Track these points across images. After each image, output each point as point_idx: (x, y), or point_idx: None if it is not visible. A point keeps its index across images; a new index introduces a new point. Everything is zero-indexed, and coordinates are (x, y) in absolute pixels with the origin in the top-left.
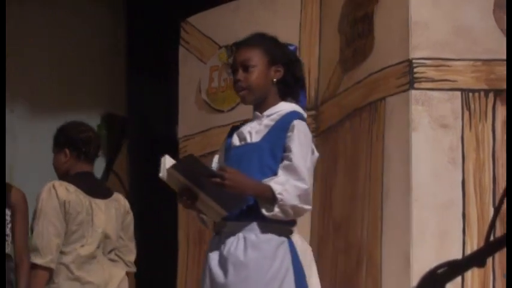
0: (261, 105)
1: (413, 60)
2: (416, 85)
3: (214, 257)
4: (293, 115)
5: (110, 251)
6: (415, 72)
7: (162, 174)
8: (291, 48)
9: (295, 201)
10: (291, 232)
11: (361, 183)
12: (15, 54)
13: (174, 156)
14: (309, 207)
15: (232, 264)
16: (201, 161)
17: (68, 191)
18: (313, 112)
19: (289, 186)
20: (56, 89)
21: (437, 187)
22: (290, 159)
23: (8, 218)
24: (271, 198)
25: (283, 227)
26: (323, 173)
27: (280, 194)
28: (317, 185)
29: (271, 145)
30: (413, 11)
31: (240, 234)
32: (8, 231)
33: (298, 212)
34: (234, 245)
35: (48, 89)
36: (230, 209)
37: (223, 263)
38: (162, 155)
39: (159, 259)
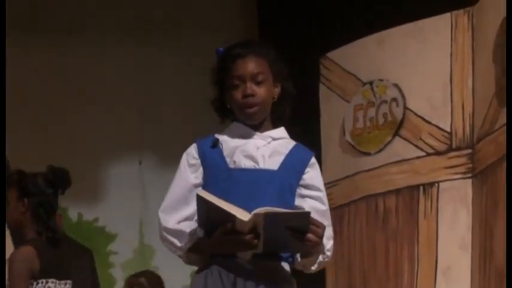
0: (259, 125)
1: None
2: None
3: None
4: (307, 150)
5: None
6: None
7: (247, 218)
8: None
9: (331, 257)
10: None
11: None
12: (142, 104)
13: None
14: None
15: None
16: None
17: None
18: (469, 151)
19: (332, 240)
20: (186, 138)
21: None
22: (324, 203)
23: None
24: (317, 252)
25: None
26: (482, 217)
27: (328, 250)
28: (475, 231)
29: (289, 176)
30: None
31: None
32: None
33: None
34: None
35: (178, 138)
36: (270, 251)
37: None
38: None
39: None
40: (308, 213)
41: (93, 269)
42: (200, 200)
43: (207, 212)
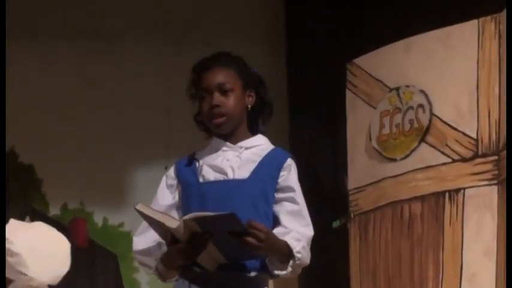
0: (231, 135)
1: None
2: None
3: None
4: (284, 153)
5: None
6: None
7: (176, 225)
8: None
9: (307, 260)
10: None
11: None
12: (169, 109)
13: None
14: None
15: None
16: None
17: None
18: (494, 157)
19: (304, 241)
20: None
21: None
22: (296, 202)
23: None
24: (286, 256)
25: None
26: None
27: (298, 252)
28: (501, 238)
29: (263, 184)
30: None
31: None
32: None
33: (301, 269)
34: None
35: (204, 143)
36: (234, 260)
37: None
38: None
39: None
40: (232, 214)
41: (118, 274)
42: (139, 213)
43: (151, 225)
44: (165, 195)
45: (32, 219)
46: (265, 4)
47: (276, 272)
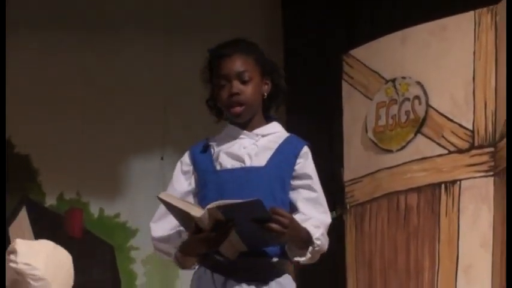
0: (247, 122)
1: None
2: None
3: None
4: (300, 140)
5: None
6: None
7: (200, 214)
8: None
9: (326, 246)
10: None
11: None
12: (165, 100)
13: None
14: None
15: None
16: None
17: None
18: (491, 149)
19: (323, 228)
20: (207, 135)
21: None
22: (314, 190)
23: None
24: (305, 243)
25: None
26: (503, 215)
27: (318, 239)
28: (497, 229)
29: (280, 171)
30: None
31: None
32: None
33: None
34: None
35: (200, 134)
36: (255, 248)
37: None
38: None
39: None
40: (257, 200)
41: (114, 265)
42: (162, 202)
43: (173, 213)
44: (181, 181)
45: (28, 210)
46: (263, 3)
47: (296, 258)
